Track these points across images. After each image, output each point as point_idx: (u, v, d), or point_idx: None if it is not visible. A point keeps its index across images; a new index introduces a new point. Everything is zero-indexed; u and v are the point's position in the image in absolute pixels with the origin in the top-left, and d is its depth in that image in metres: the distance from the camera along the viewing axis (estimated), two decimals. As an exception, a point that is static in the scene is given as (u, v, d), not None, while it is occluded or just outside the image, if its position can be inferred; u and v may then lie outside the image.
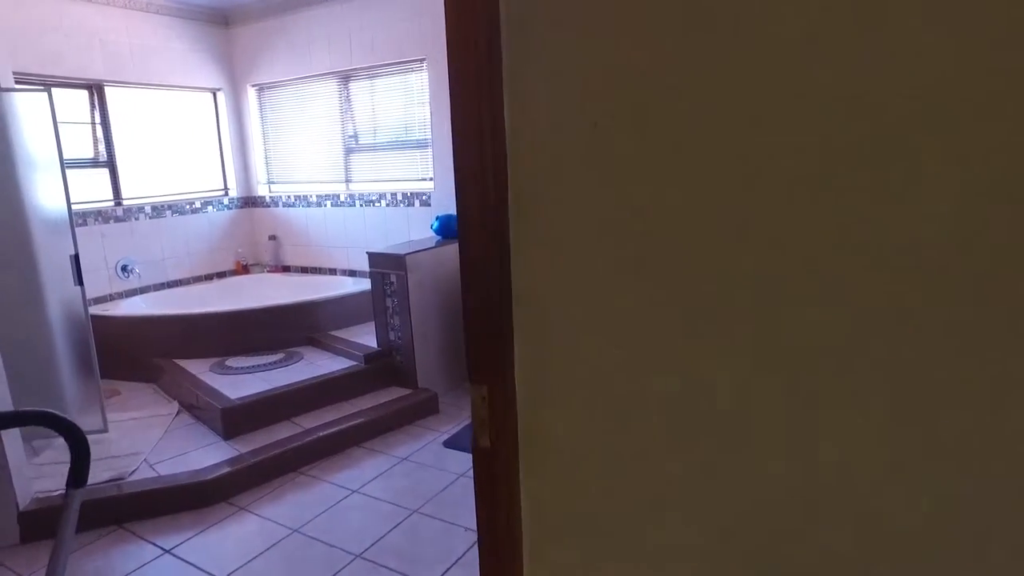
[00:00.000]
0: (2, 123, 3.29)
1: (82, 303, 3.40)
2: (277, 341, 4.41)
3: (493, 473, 0.98)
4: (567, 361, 0.91)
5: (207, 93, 5.40)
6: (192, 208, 5.25)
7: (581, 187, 0.85)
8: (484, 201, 0.93)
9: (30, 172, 3.38)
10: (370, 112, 4.87)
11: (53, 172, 4.25)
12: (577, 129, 0.83)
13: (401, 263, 3.84)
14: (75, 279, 3.34)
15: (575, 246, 0.87)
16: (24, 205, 3.36)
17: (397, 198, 4.77)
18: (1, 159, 3.30)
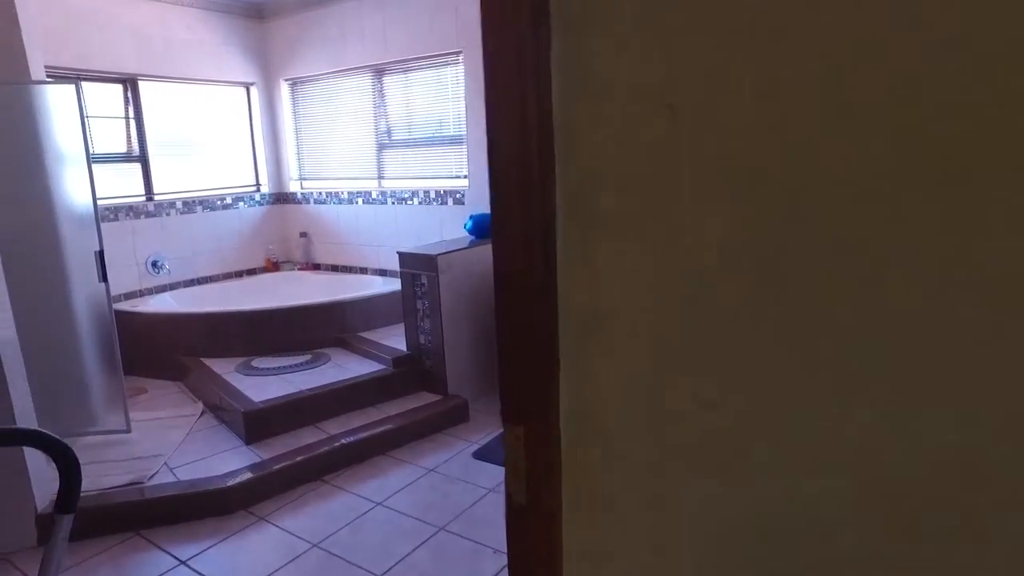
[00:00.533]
0: (32, 116, 3.22)
1: (106, 300, 3.32)
2: (305, 342, 4.30)
3: (530, 538, 0.79)
4: (631, 398, 0.72)
5: (240, 88, 5.33)
6: (223, 204, 5.18)
7: (654, 185, 0.66)
8: (526, 203, 0.75)
9: (59, 166, 3.31)
10: (404, 107, 4.73)
11: (82, 166, 4.22)
12: (648, 114, 0.64)
13: (432, 264, 3.68)
14: (99, 276, 3.26)
15: (646, 256, 0.67)
16: (52, 199, 3.29)
17: (430, 196, 4.62)
18: (30, 152, 3.24)
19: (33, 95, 3.20)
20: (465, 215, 4.39)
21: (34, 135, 3.22)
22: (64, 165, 3.34)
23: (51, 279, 3.35)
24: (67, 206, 3.33)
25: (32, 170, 3.24)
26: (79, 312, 3.41)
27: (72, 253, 3.37)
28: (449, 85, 4.42)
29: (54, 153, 3.29)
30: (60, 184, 3.37)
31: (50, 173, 3.28)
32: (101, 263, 3.25)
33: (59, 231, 3.31)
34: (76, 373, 3.46)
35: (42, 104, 3.23)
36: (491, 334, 4.10)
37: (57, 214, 3.30)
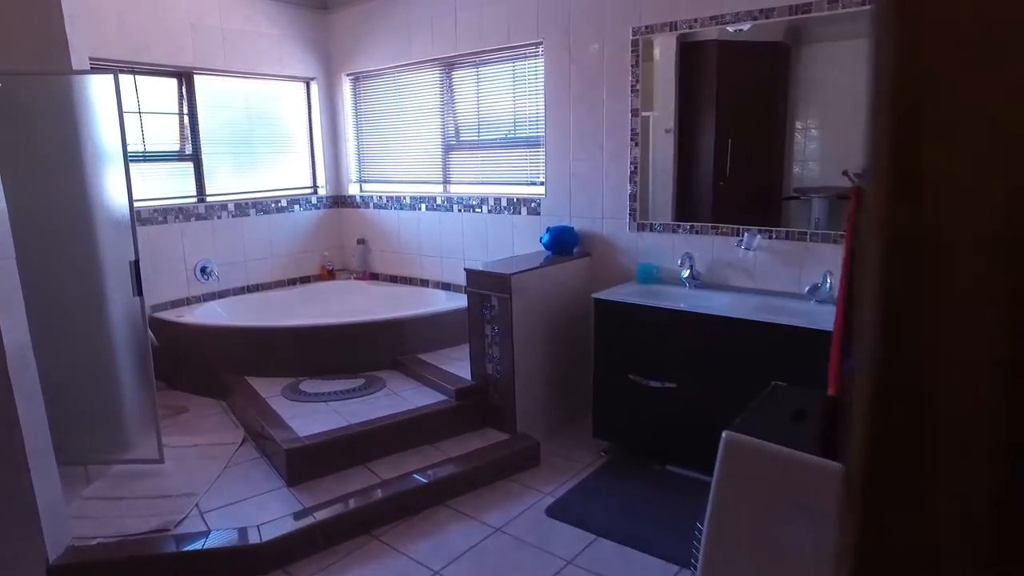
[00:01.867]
0: (69, 109, 2.89)
1: (141, 316, 2.95)
2: (358, 363, 3.87)
3: None
4: None
5: (300, 83, 4.97)
6: (277, 207, 4.83)
7: None
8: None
9: (99, 164, 2.96)
10: (474, 105, 4.27)
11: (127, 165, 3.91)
12: None
13: (505, 284, 3.18)
14: (133, 289, 2.89)
15: None
16: (90, 201, 2.95)
17: (501, 204, 4.13)
18: (66, 149, 2.90)
19: (71, 86, 2.86)
20: (540, 227, 3.88)
21: (71, 130, 2.89)
22: (105, 163, 2.99)
23: (85, 288, 3.01)
24: (106, 208, 2.98)
25: (68, 168, 2.91)
26: (114, 326, 3.06)
27: (109, 260, 3.02)
28: (526, 80, 3.93)
29: (94, 150, 2.94)
30: (99, 184, 3.02)
31: (88, 171, 2.94)
32: (136, 275, 2.88)
33: (96, 236, 2.96)
34: (107, 393, 3.11)
35: (82, 97, 2.88)
36: (567, 365, 3.58)
37: (94, 216, 2.96)
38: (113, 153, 2.92)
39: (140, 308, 2.94)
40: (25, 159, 2.88)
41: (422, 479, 2.90)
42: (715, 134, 3.32)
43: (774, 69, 3.05)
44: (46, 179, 2.90)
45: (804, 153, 3.08)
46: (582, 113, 3.61)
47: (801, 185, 3.09)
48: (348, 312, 4.63)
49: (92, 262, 2.98)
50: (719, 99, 3.30)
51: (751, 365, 2.72)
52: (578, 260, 3.60)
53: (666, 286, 3.33)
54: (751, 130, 3.24)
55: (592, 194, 3.65)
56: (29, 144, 2.88)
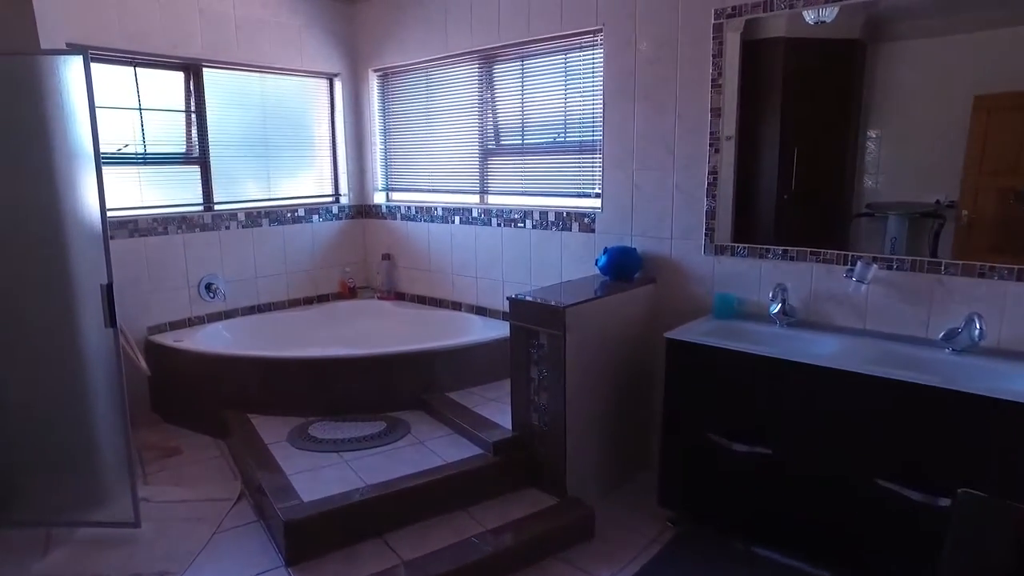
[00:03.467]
0: (36, 99, 2.39)
1: (114, 352, 2.42)
2: (379, 401, 3.32)
3: None
4: None
5: (323, 79, 4.47)
6: (293, 217, 4.32)
7: None
8: None
9: (75, 166, 2.45)
10: (518, 104, 3.71)
11: (109, 169, 3.42)
12: None
13: (558, 318, 2.61)
14: (106, 319, 2.37)
15: None
16: (60, 208, 2.45)
17: (548, 218, 3.56)
18: (27, 145, 2.40)
19: (39, 73, 2.36)
20: (595, 247, 3.30)
21: (38, 124, 2.39)
22: (81, 164, 2.49)
23: (52, 313, 2.51)
24: (81, 218, 2.47)
25: (33, 170, 2.41)
26: (88, 359, 2.55)
27: (84, 281, 2.52)
28: (581, 75, 3.36)
29: (68, 149, 2.43)
30: (74, 189, 2.53)
31: (59, 174, 2.44)
32: (109, 301, 2.36)
33: (67, 251, 2.46)
34: (77, 438, 2.60)
35: (54, 86, 2.38)
36: (626, 412, 2.99)
37: (66, 228, 2.46)
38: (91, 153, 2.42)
39: (113, 340, 2.41)
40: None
41: (453, 564, 2.32)
42: (780, 142, 2.77)
43: (848, 70, 2.58)
44: (5, 182, 2.41)
45: (879, 164, 2.56)
46: (649, 113, 3.02)
47: (875, 200, 2.56)
48: (369, 337, 4.11)
49: (61, 282, 2.48)
50: (785, 103, 2.75)
51: (871, 433, 2.11)
52: (641, 288, 3.01)
53: (751, 323, 2.72)
54: (820, 138, 2.74)
55: (659, 209, 3.05)
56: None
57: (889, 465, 2.09)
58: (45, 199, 2.43)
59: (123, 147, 3.63)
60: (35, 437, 2.61)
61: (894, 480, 2.08)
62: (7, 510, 2.62)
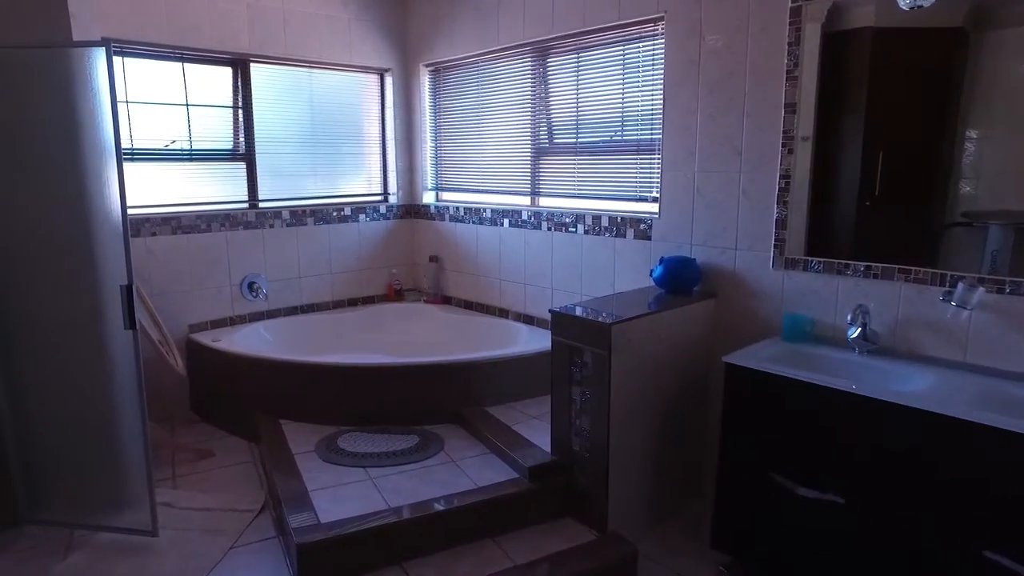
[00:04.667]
0: (64, 92, 2.30)
1: (133, 354, 2.32)
2: (413, 413, 3.15)
3: None
4: None
5: (373, 75, 4.35)
6: (340, 216, 4.21)
7: None
8: None
9: (104, 163, 2.36)
10: (572, 99, 3.46)
11: (155, 165, 3.37)
12: None
13: (603, 336, 2.35)
14: (125, 320, 2.27)
15: None
16: (88, 207, 2.36)
17: (601, 223, 3.30)
18: (55, 140, 2.32)
19: (69, 66, 2.27)
20: (651, 255, 3.02)
21: (67, 120, 2.31)
22: (111, 161, 2.40)
23: (84, 314, 2.43)
24: (108, 216, 2.39)
25: (61, 165, 2.34)
26: (114, 362, 2.46)
27: (111, 282, 2.44)
28: (640, 68, 3.09)
29: (98, 146, 2.34)
30: (103, 187, 2.45)
31: (88, 172, 2.35)
32: (128, 302, 2.26)
33: (94, 251, 2.38)
34: (102, 444, 2.52)
35: (83, 80, 2.28)
36: (676, 440, 2.70)
37: (94, 226, 2.37)
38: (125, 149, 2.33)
39: (133, 344, 2.31)
40: (7, 151, 2.34)
41: (475, 600, 2.11)
42: (863, 143, 2.42)
43: (947, 62, 2.23)
44: (34, 178, 2.34)
45: (979, 167, 2.19)
46: (713, 109, 2.72)
47: (973, 208, 2.20)
48: (412, 343, 3.96)
49: (87, 281, 2.39)
50: (870, 100, 2.40)
51: (979, 493, 1.76)
52: (699, 303, 2.72)
53: (825, 349, 2.38)
54: (910, 138, 2.37)
55: (723, 216, 2.75)
56: (11, 133, 2.33)
57: (1002, 534, 1.74)
58: (73, 195, 2.35)
59: (171, 143, 3.59)
60: (62, 438, 2.55)
61: (1008, 554, 1.73)
62: (37, 508, 2.58)
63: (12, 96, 2.30)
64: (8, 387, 2.50)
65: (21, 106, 2.31)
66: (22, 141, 2.33)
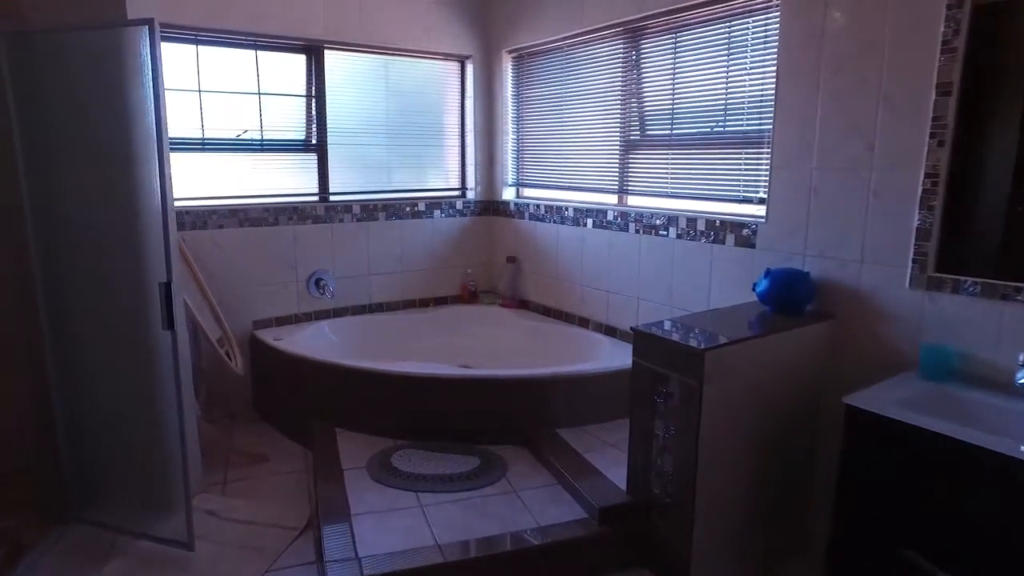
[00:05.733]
0: (110, 77, 2.15)
1: (172, 356, 2.15)
2: (477, 431, 2.86)
3: None
4: None
5: (453, 62, 4.10)
6: (413, 211, 3.99)
7: None
8: None
9: (151, 153, 2.21)
10: (668, 85, 3.06)
11: (226, 156, 3.24)
12: None
13: (695, 363, 1.97)
14: (164, 320, 2.10)
15: None
16: (137, 200, 2.21)
17: (697, 227, 2.89)
18: (105, 129, 2.18)
19: (120, 51, 2.12)
20: (755, 266, 2.59)
21: (117, 103, 2.17)
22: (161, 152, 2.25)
23: (123, 311, 2.31)
24: (153, 209, 2.24)
25: (110, 155, 2.20)
26: (160, 362, 2.32)
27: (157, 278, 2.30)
28: (748, 46, 2.65)
29: (145, 133, 2.19)
30: (153, 178, 2.31)
31: (140, 161, 2.21)
32: (167, 301, 2.09)
33: (145, 246, 2.24)
34: (149, 448, 2.39)
35: (135, 65, 2.13)
36: (776, 487, 2.27)
37: (144, 220, 2.23)
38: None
39: (172, 346, 2.14)
40: (53, 141, 2.23)
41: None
42: (1019, 136, 1.88)
43: None
44: (83, 169, 2.23)
45: None
46: (840, 92, 2.26)
47: None
48: (483, 350, 3.69)
49: (133, 277, 2.25)
50: None
51: None
52: (812, 327, 2.26)
53: (978, 392, 1.89)
54: None
55: (845, 222, 2.28)
56: (64, 120, 2.22)
57: None
58: (121, 187, 2.21)
59: (242, 132, 3.47)
60: (110, 438, 2.45)
61: None
62: (85, 507, 2.49)
63: (65, 81, 2.18)
64: (61, 383, 2.42)
65: (73, 91, 2.19)
66: (75, 129, 2.22)
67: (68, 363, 2.39)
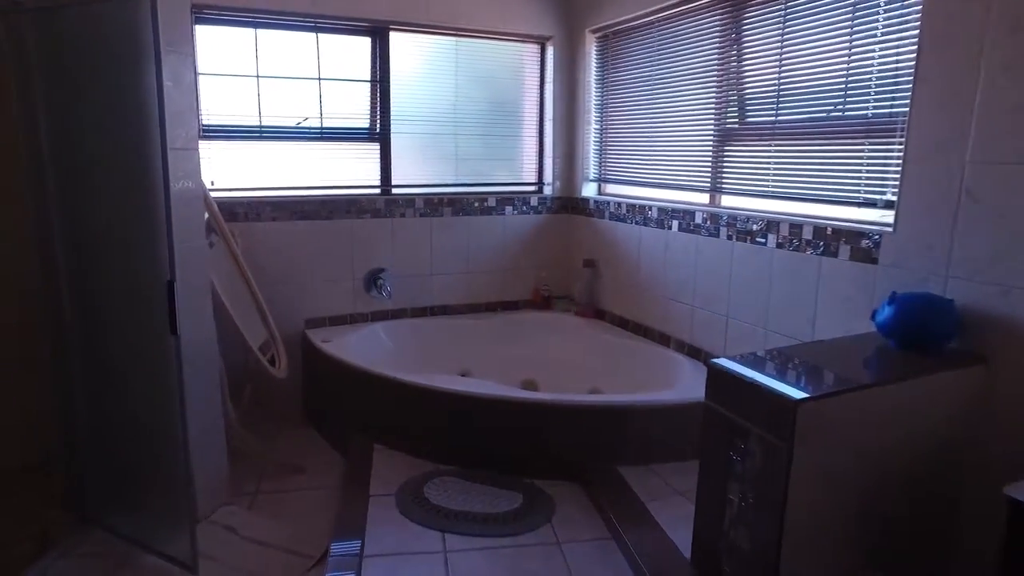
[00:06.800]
0: (132, 48, 1.96)
1: (175, 361, 1.93)
2: (526, 461, 2.50)
3: None
4: None
5: (532, 44, 3.72)
6: (482, 207, 3.66)
7: None
8: None
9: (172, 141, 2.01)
10: (774, 62, 2.54)
11: (286, 144, 3.04)
12: None
13: (783, 416, 1.49)
14: (169, 324, 1.87)
15: None
16: (160, 191, 2.01)
17: (803, 234, 2.36)
18: (120, 109, 1.98)
19: (139, 28, 1.91)
20: (876, 287, 2.05)
21: (136, 84, 1.97)
22: (177, 139, 2.05)
23: (137, 315, 2.12)
24: (179, 206, 2.04)
25: (131, 141, 2.01)
26: (189, 358, 2.13)
27: (185, 273, 2.10)
28: (880, 8, 2.10)
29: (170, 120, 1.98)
30: (178, 167, 2.12)
31: (155, 146, 2.00)
32: (170, 303, 1.86)
33: (156, 241, 2.03)
34: (155, 458, 2.20)
35: (140, 40, 1.91)
36: None
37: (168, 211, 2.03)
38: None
39: (175, 351, 1.92)
40: (75, 125, 2.07)
41: None
42: None
43: None
44: (101, 164, 2.05)
45: None
46: (1016, 59, 1.68)
47: None
48: (548, 361, 3.34)
49: (148, 276, 2.05)
50: None
51: None
52: (954, 373, 1.71)
53: None
54: None
55: (1013, 234, 1.71)
56: (82, 100, 2.05)
57: None
58: (142, 177, 2.01)
59: (302, 120, 3.28)
60: (129, 444, 2.28)
61: None
62: (105, 512, 2.35)
63: (83, 59, 2.01)
64: (83, 382, 2.28)
65: (91, 70, 2.02)
66: (92, 113, 2.06)
67: (89, 361, 2.25)
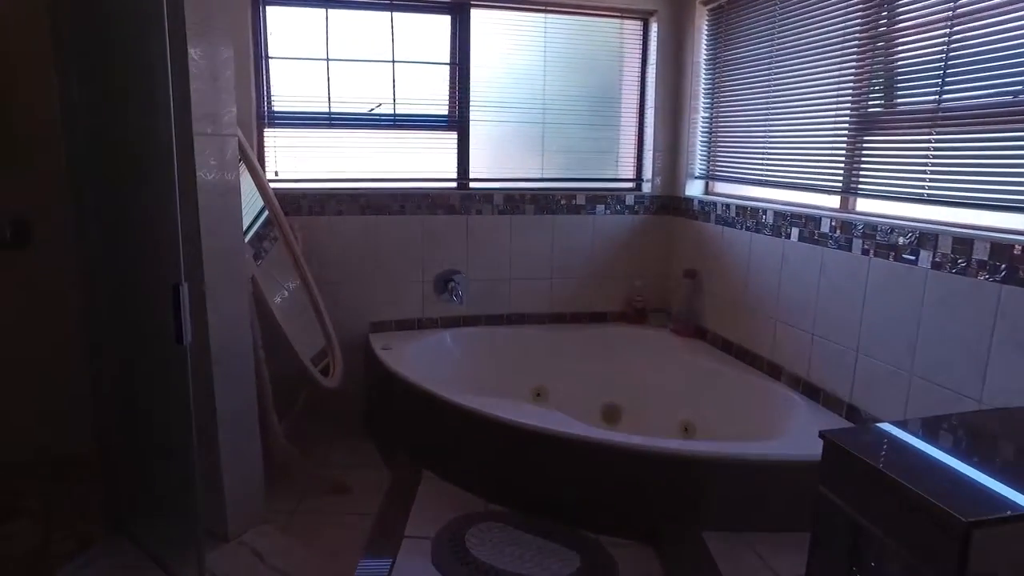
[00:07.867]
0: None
1: (183, 372, 1.70)
2: (590, 514, 2.08)
3: None
4: None
5: (632, 20, 3.26)
6: (571, 205, 3.26)
7: None
8: None
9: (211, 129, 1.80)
10: (942, 27, 1.95)
11: (337, 133, 2.81)
12: None
13: (946, 540, 1.00)
14: (175, 332, 1.64)
15: None
16: (167, 181, 1.80)
17: (972, 253, 1.78)
18: (139, 95, 1.79)
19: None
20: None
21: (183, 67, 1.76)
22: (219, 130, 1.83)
23: (160, 312, 1.92)
24: (209, 198, 1.82)
25: (162, 133, 1.81)
26: (220, 365, 1.92)
27: (217, 273, 1.90)
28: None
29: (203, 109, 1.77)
30: (210, 158, 1.90)
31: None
32: (175, 308, 1.62)
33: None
34: (173, 473, 2.01)
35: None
36: None
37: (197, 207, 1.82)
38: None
39: (183, 361, 1.68)
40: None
41: None
42: None
43: None
44: (129, 162, 1.87)
45: None
46: None
47: None
48: (634, 387, 2.91)
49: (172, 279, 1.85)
50: None
51: None
52: None
53: None
54: None
55: None
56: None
57: None
58: (158, 164, 1.81)
59: (376, 107, 3.03)
60: (154, 456, 2.12)
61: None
62: (133, 525, 2.21)
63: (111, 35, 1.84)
64: (115, 389, 2.14)
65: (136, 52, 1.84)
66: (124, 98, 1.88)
67: (118, 365, 2.10)
